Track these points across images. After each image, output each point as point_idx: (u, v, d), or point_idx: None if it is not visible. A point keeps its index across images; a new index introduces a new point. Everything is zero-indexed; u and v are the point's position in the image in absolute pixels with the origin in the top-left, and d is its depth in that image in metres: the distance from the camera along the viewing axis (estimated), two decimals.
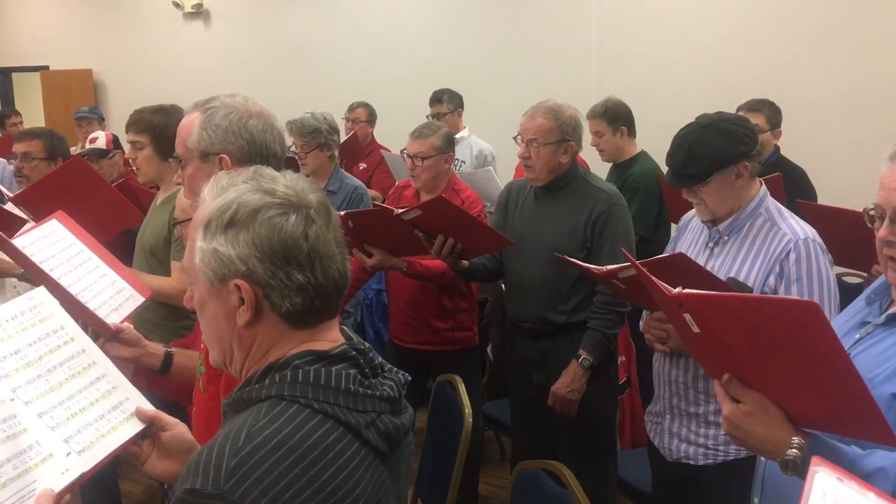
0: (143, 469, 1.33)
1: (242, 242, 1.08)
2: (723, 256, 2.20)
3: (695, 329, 1.39)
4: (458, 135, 5.02)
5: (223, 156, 1.68)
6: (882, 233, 1.45)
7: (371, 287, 4.30)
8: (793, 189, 3.47)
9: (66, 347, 1.30)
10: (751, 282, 2.11)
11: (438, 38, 6.81)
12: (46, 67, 9.04)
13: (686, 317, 1.38)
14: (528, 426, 3.06)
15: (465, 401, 2.56)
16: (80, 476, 1.18)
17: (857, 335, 1.56)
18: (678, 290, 1.37)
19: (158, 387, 1.85)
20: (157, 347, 1.81)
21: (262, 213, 1.08)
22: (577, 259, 2.59)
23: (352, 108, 5.83)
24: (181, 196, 2.08)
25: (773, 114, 3.98)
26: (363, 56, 7.19)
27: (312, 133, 3.59)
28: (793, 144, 4.21)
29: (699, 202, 2.21)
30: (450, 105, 5.29)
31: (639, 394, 3.47)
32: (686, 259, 2.08)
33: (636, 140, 4.19)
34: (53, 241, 1.92)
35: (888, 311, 1.52)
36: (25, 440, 1.15)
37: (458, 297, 3.36)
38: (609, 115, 4.09)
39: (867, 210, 1.49)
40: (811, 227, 2.15)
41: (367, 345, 1.19)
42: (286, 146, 1.89)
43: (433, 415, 2.79)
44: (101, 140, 4.21)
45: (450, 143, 3.37)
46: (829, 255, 2.11)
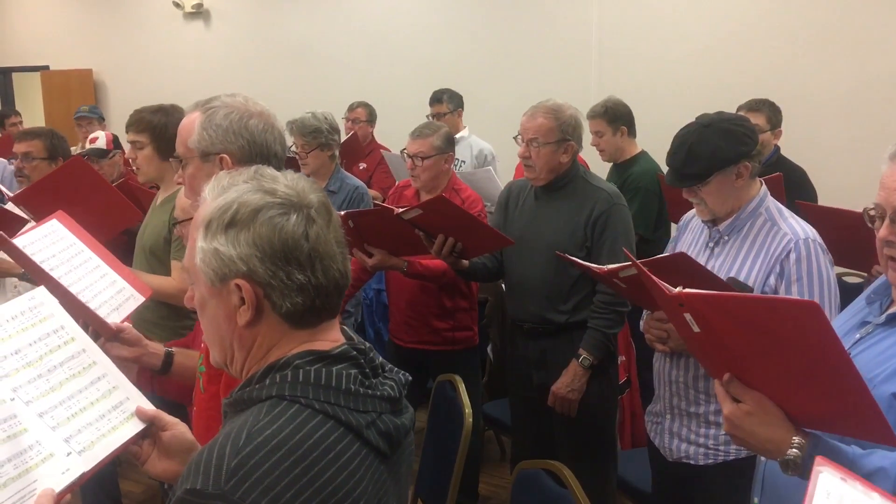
0: (144, 469, 1.33)
1: (243, 242, 1.08)
2: (723, 256, 2.20)
3: (695, 329, 1.39)
4: (458, 135, 5.02)
5: (224, 155, 1.68)
6: (882, 232, 1.45)
7: (371, 287, 4.30)
8: (793, 189, 3.47)
9: (67, 347, 1.30)
10: (751, 282, 2.10)
11: (438, 38, 6.80)
12: (46, 67, 9.03)
13: (686, 316, 1.38)
14: (529, 426, 3.06)
15: (466, 401, 2.56)
16: (81, 476, 1.18)
17: (858, 335, 1.56)
18: (679, 290, 1.37)
19: (162, 387, 1.85)
20: (158, 347, 1.81)
21: (263, 213, 1.08)
22: (578, 259, 2.59)
23: (352, 108, 5.83)
24: (181, 196, 2.08)
25: (774, 114, 3.98)
26: (363, 56, 7.18)
27: (313, 133, 3.59)
28: (793, 144, 4.21)
29: (699, 202, 2.21)
30: (450, 105, 5.29)
31: (639, 394, 3.46)
32: (687, 258, 2.08)
33: (636, 140, 4.19)
34: (54, 241, 1.92)
35: (888, 311, 1.52)
36: (26, 440, 1.15)
37: (459, 297, 3.36)
38: (609, 115, 4.09)
39: (867, 210, 1.49)
40: (811, 227, 2.15)
41: (368, 345, 1.19)
42: (287, 146, 1.89)
43: (433, 415, 2.79)
44: (102, 140, 4.21)
45: (450, 143, 3.37)
46: (830, 255, 2.11)
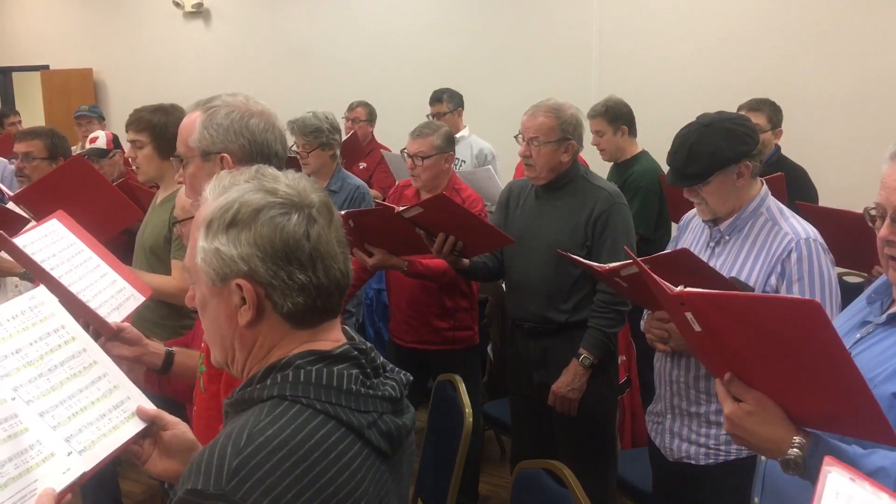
0: (144, 468, 1.33)
1: (244, 242, 1.08)
2: (724, 256, 2.20)
3: (696, 328, 1.39)
4: (459, 134, 5.01)
5: (224, 155, 1.68)
6: (883, 232, 1.45)
7: (371, 286, 4.30)
8: (794, 189, 3.47)
9: (67, 346, 1.30)
10: (752, 281, 2.10)
11: (438, 38, 6.80)
12: (46, 67, 9.03)
13: (688, 315, 1.38)
14: (529, 426, 3.06)
15: (466, 400, 2.56)
16: (82, 475, 1.17)
17: (858, 335, 1.55)
18: (680, 289, 1.37)
19: (172, 388, 1.84)
20: (158, 346, 1.81)
21: (264, 213, 1.08)
22: (578, 257, 2.59)
23: (352, 108, 5.83)
24: (181, 195, 2.09)
25: (774, 113, 3.99)
26: (363, 55, 7.18)
27: (314, 132, 3.59)
28: (793, 144, 4.22)
29: (700, 202, 2.21)
30: (450, 104, 5.29)
31: (639, 393, 3.46)
32: (689, 255, 2.07)
33: (637, 139, 4.19)
34: (54, 241, 1.92)
35: (889, 311, 1.52)
36: (27, 439, 1.15)
37: (459, 297, 3.36)
38: (610, 115, 4.09)
39: (868, 209, 1.49)
40: (812, 227, 2.15)
41: (369, 345, 1.18)
42: (287, 145, 1.89)
43: (433, 414, 2.79)
44: (102, 140, 4.21)
45: (450, 143, 3.37)
46: (831, 255, 2.11)
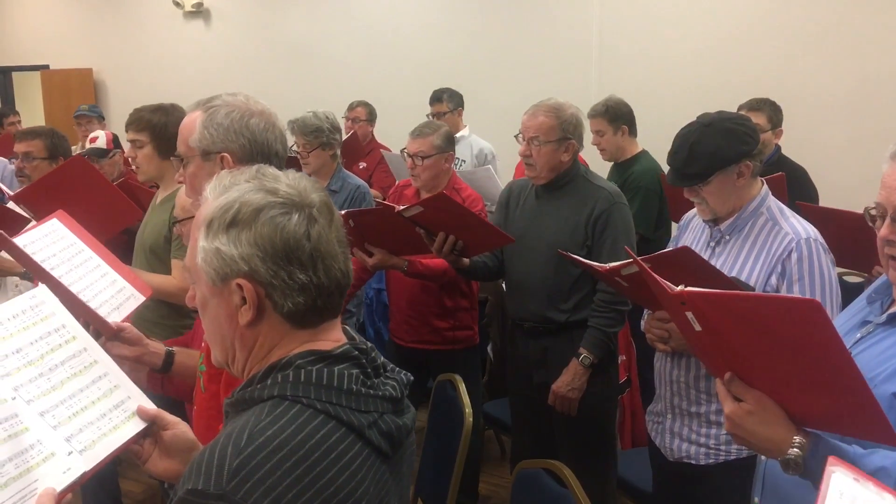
0: (145, 468, 1.33)
1: (245, 242, 1.08)
2: (724, 256, 2.20)
3: (697, 327, 1.39)
4: (459, 134, 5.02)
5: (225, 154, 1.68)
6: (883, 232, 1.45)
7: (371, 286, 4.29)
8: (794, 188, 3.47)
9: (68, 346, 1.30)
10: (752, 281, 2.10)
11: (439, 38, 6.80)
12: (46, 67, 9.03)
13: (688, 315, 1.38)
14: (529, 425, 3.06)
15: (466, 400, 2.56)
16: (82, 475, 1.17)
17: (858, 334, 1.55)
18: (680, 288, 1.37)
19: (171, 388, 1.84)
20: (159, 346, 1.81)
21: (265, 213, 1.08)
22: (579, 257, 2.59)
23: (351, 108, 5.83)
24: (181, 194, 2.09)
25: (775, 113, 3.99)
26: (363, 55, 7.18)
27: (314, 132, 3.59)
28: (794, 144, 4.22)
29: (700, 201, 2.21)
30: (450, 104, 5.29)
31: (639, 393, 3.46)
32: (690, 253, 2.07)
33: (637, 139, 4.19)
34: (54, 241, 1.92)
35: (889, 311, 1.52)
36: (27, 439, 1.15)
37: (459, 297, 3.36)
38: (610, 114, 4.09)
39: (868, 209, 1.49)
40: (813, 227, 2.14)
41: (370, 344, 1.18)
42: (288, 145, 1.89)
43: (433, 414, 2.79)
44: (102, 139, 4.21)
45: (450, 143, 3.37)
46: (832, 255, 2.11)
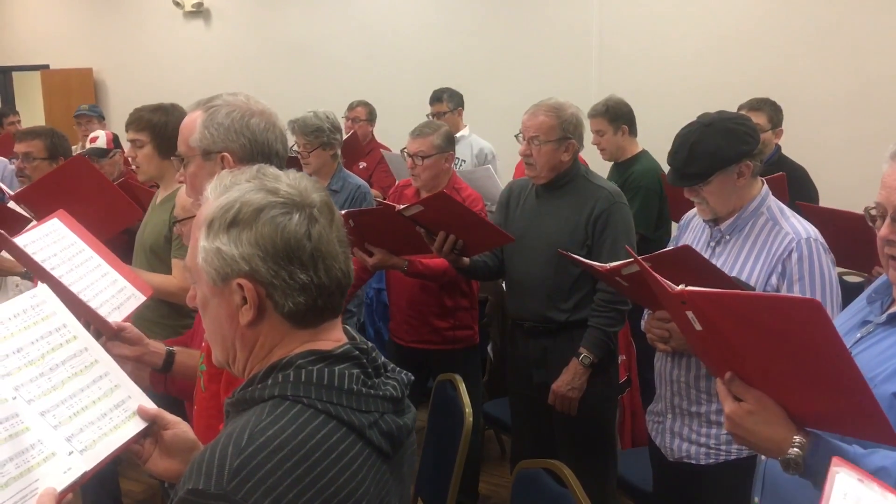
0: (145, 468, 1.33)
1: (245, 242, 1.08)
2: (725, 256, 2.20)
3: (697, 327, 1.39)
4: (459, 134, 5.01)
5: (225, 154, 1.68)
6: (883, 231, 1.45)
7: (371, 286, 4.30)
8: (794, 188, 3.47)
9: (68, 346, 1.30)
10: (753, 281, 2.10)
11: (439, 37, 6.80)
12: (47, 66, 9.02)
13: (689, 314, 1.38)
14: (529, 425, 3.06)
15: (466, 400, 2.56)
16: (83, 475, 1.17)
17: (858, 334, 1.55)
18: (681, 288, 1.37)
19: (174, 387, 1.84)
20: (159, 346, 1.81)
21: (266, 213, 1.08)
22: (579, 257, 2.59)
23: (351, 107, 5.83)
24: (181, 194, 2.09)
25: (775, 113, 3.99)
26: (363, 55, 7.18)
27: (315, 132, 3.59)
28: (794, 144, 4.22)
29: (701, 201, 2.21)
30: (450, 104, 5.29)
31: (639, 393, 3.46)
32: (692, 252, 2.07)
33: (637, 139, 4.19)
34: (55, 240, 1.92)
35: (889, 311, 1.52)
36: (27, 439, 1.15)
37: (459, 296, 3.36)
38: (610, 114, 4.08)
39: (868, 209, 1.49)
40: (813, 227, 2.14)
41: (371, 344, 1.18)
42: (288, 145, 1.89)
43: (433, 414, 2.79)
44: (102, 139, 4.21)
45: (450, 142, 3.37)
46: (832, 255, 2.11)
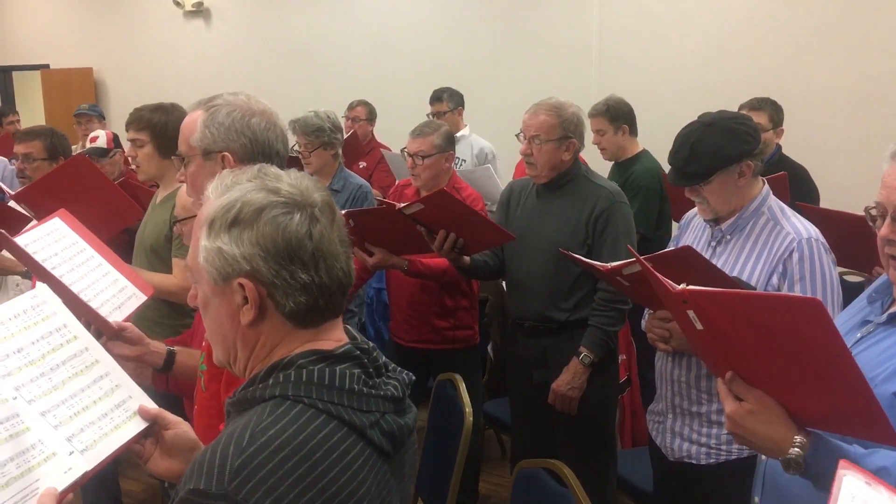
0: (146, 467, 1.33)
1: (246, 241, 1.08)
2: (725, 255, 2.19)
3: (698, 326, 1.39)
4: (459, 133, 5.01)
5: (226, 154, 1.68)
6: (883, 231, 1.45)
7: (372, 286, 4.30)
8: (795, 188, 3.47)
9: (69, 346, 1.30)
10: (754, 281, 2.10)
11: (439, 37, 6.80)
12: (47, 66, 9.02)
13: (690, 313, 1.38)
14: (529, 425, 3.06)
15: (466, 399, 2.56)
16: (83, 475, 1.17)
17: (859, 334, 1.55)
18: (682, 287, 1.37)
19: (176, 386, 1.84)
20: (160, 346, 1.81)
21: (267, 212, 1.08)
22: (579, 256, 2.59)
23: (352, 107, 5.83)
24: (181, 193, 2.09)
25: (776, 112, 3.98)
26: (363, 54, 7.18)
27: (316, 132, 3.59)
28: (794, 143, 4.21)
29: (702, 201, 2.20)
30: (450, 103, 5.29)
31: (639, 392, 3.46)
32: (693, 252, 2.07)
33: (638, 139, 4.19)
34: (56, 240, 1.92)
35: (889, 310, 1.52)
36: (28, 439, 1.14)
37: (459, 296, 3.36)
38: (611, 114, 4.08)
39: (868, 209, 1.48)
40: (814, 227, 2.14)
41: (372, 344, 1.18)
42: (289, 145, 1.89)
43: (434, 413, 2.78)
44: (102, 139, 4.21)
45: (450, 142, 3.37)
46: (833, 255, 2.11)
